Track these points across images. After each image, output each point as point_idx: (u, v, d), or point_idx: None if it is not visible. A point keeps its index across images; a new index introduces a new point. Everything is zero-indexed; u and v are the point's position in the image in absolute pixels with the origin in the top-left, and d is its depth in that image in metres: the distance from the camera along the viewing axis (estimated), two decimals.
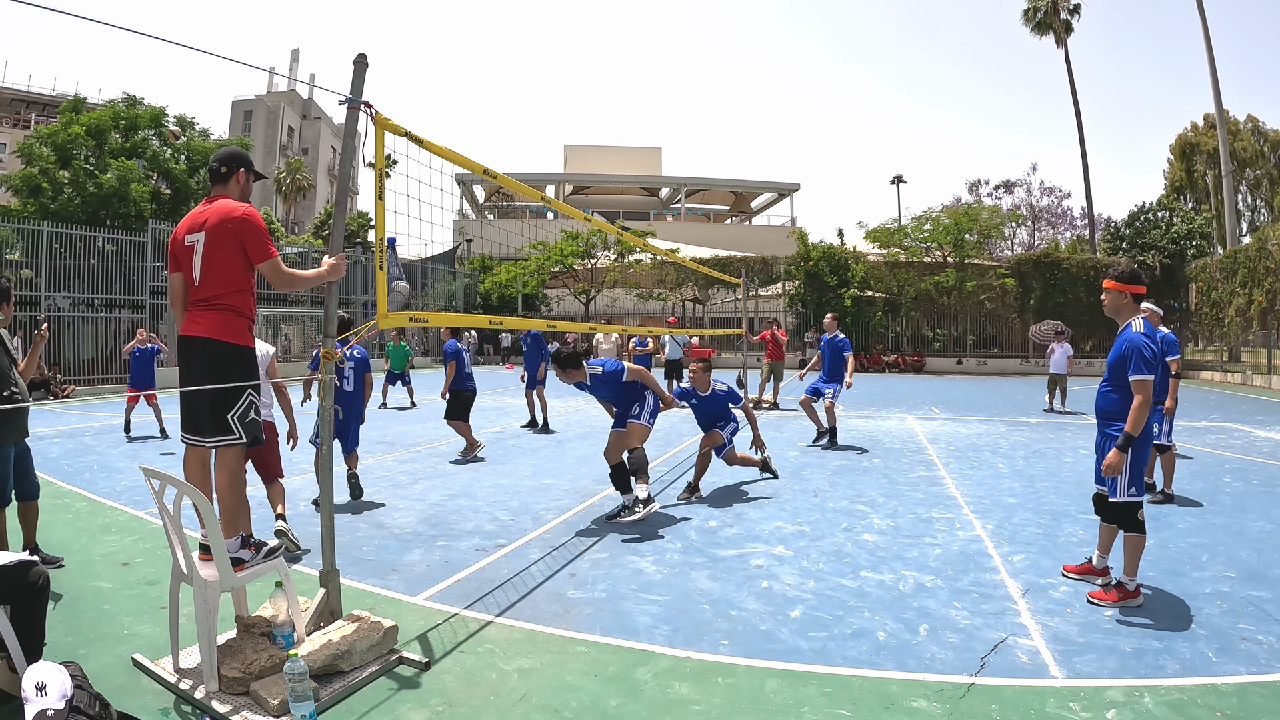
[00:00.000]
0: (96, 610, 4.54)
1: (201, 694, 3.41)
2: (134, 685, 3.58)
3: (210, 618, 3.47)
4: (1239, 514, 7.07)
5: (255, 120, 66.73)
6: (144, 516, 6.75)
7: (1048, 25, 42.79)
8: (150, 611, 4.50)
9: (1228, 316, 26.43)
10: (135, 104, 27.11)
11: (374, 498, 7.61)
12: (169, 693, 3.51)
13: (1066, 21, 42.31)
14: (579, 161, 61.84)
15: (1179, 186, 57.63)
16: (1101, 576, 5.05)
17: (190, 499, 3.46)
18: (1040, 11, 42.78)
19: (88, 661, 3.58)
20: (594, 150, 62.85)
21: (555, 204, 6.96)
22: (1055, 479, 8.64)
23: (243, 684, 3.43)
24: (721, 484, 8.35)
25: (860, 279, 34.14)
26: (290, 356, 29.66)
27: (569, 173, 60.98)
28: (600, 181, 60.77)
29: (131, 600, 4.71)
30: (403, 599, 4.82)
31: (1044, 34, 43.18)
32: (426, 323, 5.23)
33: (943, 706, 3.45)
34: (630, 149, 64.02)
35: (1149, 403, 4.56)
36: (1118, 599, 4.71)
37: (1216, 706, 3.43)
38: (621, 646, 4.10)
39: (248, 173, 4.22)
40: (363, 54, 4.14)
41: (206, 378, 3.84)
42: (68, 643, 4.02)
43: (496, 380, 25.34)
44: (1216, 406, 16.70)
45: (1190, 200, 53.98)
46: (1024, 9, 43.54)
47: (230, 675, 3.44)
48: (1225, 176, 35.79)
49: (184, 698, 3.45)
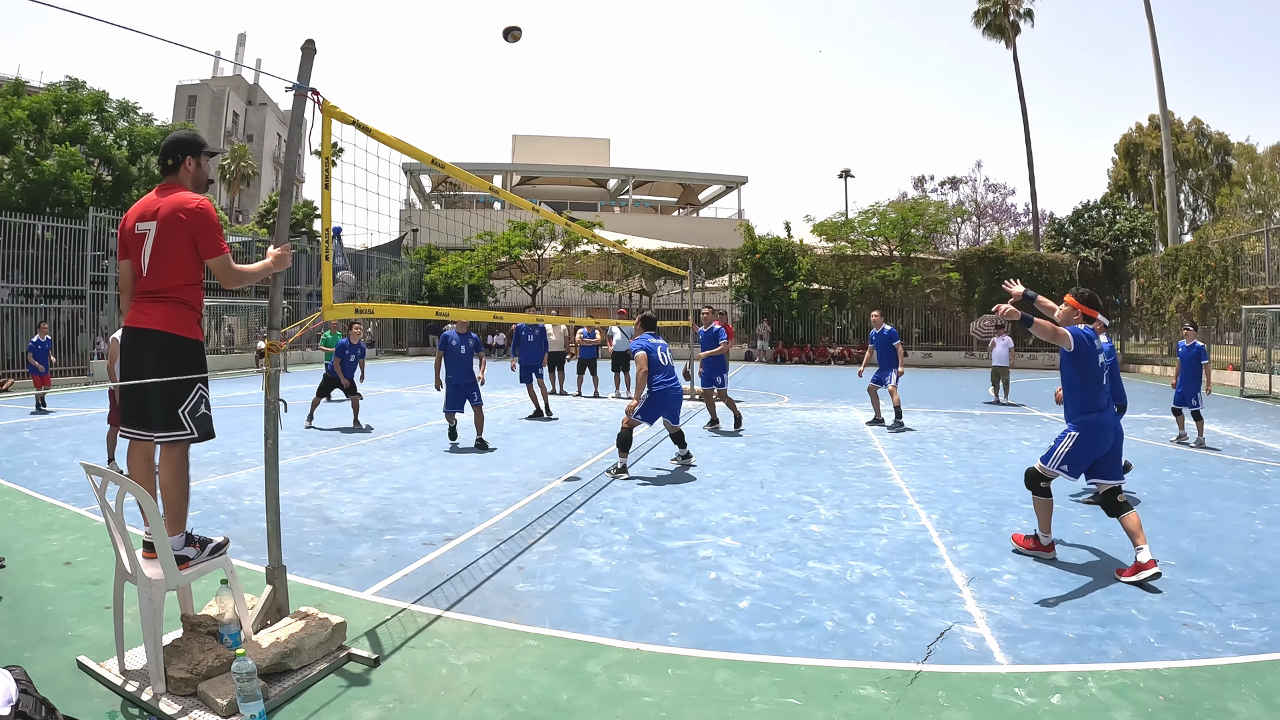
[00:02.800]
0: (40, 612, 4.41)
1: (149, 695, 3.34)
2: (80, 688, 3.48)
3: (156, 617, 3.39)
4: (1179, 504, 7.28)
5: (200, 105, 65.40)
6: (86, 514, 6.57)
7: (998, 27, 43.34)
8: (95, 612, 4.38)
9: (1168, 312, 27.14)
10: (78, 88, 26.35)
11: (320, 492, 7.51)
12: (116, 695, 3.43)
13: (1016, 23, 42.92)
14: (527, 151, 61.37)
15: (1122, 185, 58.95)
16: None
17: (133, 495, 3.38)
18: (991, 13, 43.31)
19: (32, 665, 3.47)
20: (542, 140, 62.41)
21: (503, 194, 6.92)
22: (999, 470, 8.81)
23: (190, 684, 3.36)
24: (668, 475, 8.39)
25: (807, 272, 34.37)
26: (233, 347, 29.09)
27: (517, 163, 60.49)
28: (548, 172, 60.44)
29: (75, 601, 4.59)
30: (351, 594, 4.77)
31: (995, 35, 43.73)
32: (372, 314, 5.16)
33: (891, 694, 3.50)
34: (579, 140, 63.72)
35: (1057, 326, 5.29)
36: (1030, 548, 5.58)
37: (1159, 690, 3.54)
38: (572, 639, 4.10)
39: (197, 158, 4.02)
40: (310, 40, 4.06)
41: (156, 371, 3.73)
42: (11, 646, 3.91)
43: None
44: (1156, 399, 17.16)
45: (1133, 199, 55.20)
46: (975, 10, 44.04)
47: (178, 676, 3.37)
48: (1168, 176, 36.64)
49: (131, 700, 3.37)
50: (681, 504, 7.13)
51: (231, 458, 9.07)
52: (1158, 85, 34.37)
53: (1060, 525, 6.40)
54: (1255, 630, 4.27)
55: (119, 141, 26.74)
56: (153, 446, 3.91)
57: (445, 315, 6.15)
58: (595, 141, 63.78)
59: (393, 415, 13.71)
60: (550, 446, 10.35)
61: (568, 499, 7.31)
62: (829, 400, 16.79)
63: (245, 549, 5.53)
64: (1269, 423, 13.86)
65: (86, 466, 3.52)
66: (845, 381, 22.33)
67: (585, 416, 13.64)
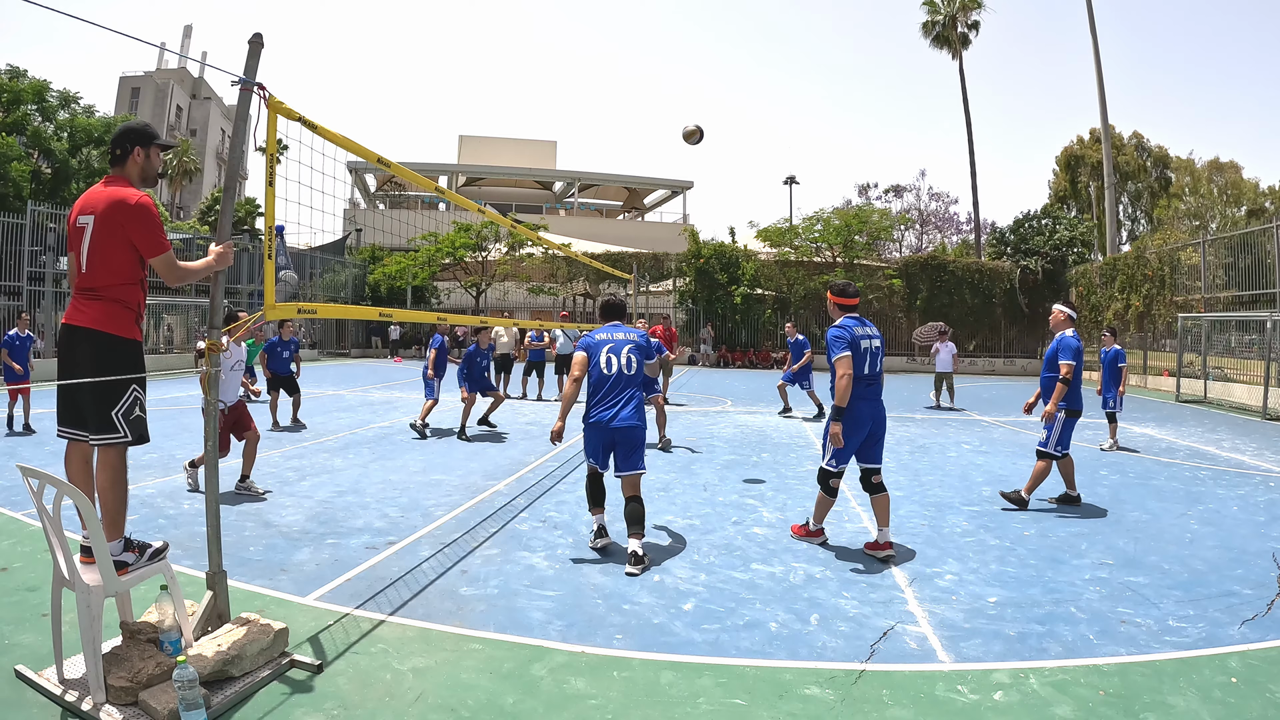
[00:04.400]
0: None
1: (89, 705, 3.25)
2: (18, 698, 3.39)
3: (95, 625, 3.31)
4: (1116, 505, 7.49)
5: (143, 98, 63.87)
6: (21, 518, 6.35)
7: (945, 39, 43.78)
8: (32, 619, 4.25)
9: (1106, 320, 27.77)
10: (19, 76, 25.54)
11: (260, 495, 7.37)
12: (55, 705, 3.34)
13: (964, 35, 43.48)
14: (473, 152, 60.73)
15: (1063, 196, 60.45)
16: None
17: (71, 499, 3.29)
18: (939, 25, 43.85)
19: None
20: (488, 142, 61.78)
21: (448, 194, 6.89)
22: (939, 473, 8.98)
23: (131, 693, 3.28)
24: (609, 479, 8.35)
25: (750, 277, 34.47)
26: (173, 347, 28.43)
27: (463, 163, 59.75)
28: (494, 173, 59.85)
29: (11, 608, 4.44)
30: (293, 600, 4.70)
31: (941, 47, 44.21)
32: (315, 314, 5.09)
33: (835, 693, 3.56)
34: (525, 141, 63.20)
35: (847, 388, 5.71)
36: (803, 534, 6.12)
37: (1099, 685, 3.64)
38: (516, 643, 4.09)
39: (146, 149, 3.87)
40: (258, 34, 3.98)
41: (90, 371, 3.63)
42: None
43: (385, 374, 24.86)
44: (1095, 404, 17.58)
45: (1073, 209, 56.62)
46: (923, 22, 44.46)
47: (117, 685, 3.29)
48: (1108, 188, 37.60)
49: (71, 710, 3.28)
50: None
51: (170, 460, 8.86)
52: (1100, 99, 35.27)
53: (999, 527, 6.56)
54: (1192, 626, 4.42)
55: (59, 133, 25.98)
56: (90, 448, 3.80)
57: (388, 316, 6.09)
58: (542, 144, 63.40)
59: (334, 417, 13.51)
60: (492, 450, 10.28)
61: (510, 502, 7.28)
62: (771, 404, 16.88)
63: (185, 554, 5.41)
64: (1203, 426, 14.32)
65: (23, 469, 3.42)
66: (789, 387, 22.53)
67: (528, 420, 13.57)
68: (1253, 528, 6.69)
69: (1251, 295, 20.44)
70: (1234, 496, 7.98)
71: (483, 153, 60.37)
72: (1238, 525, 6.78)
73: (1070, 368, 7.14)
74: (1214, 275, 22.73)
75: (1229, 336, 21.48)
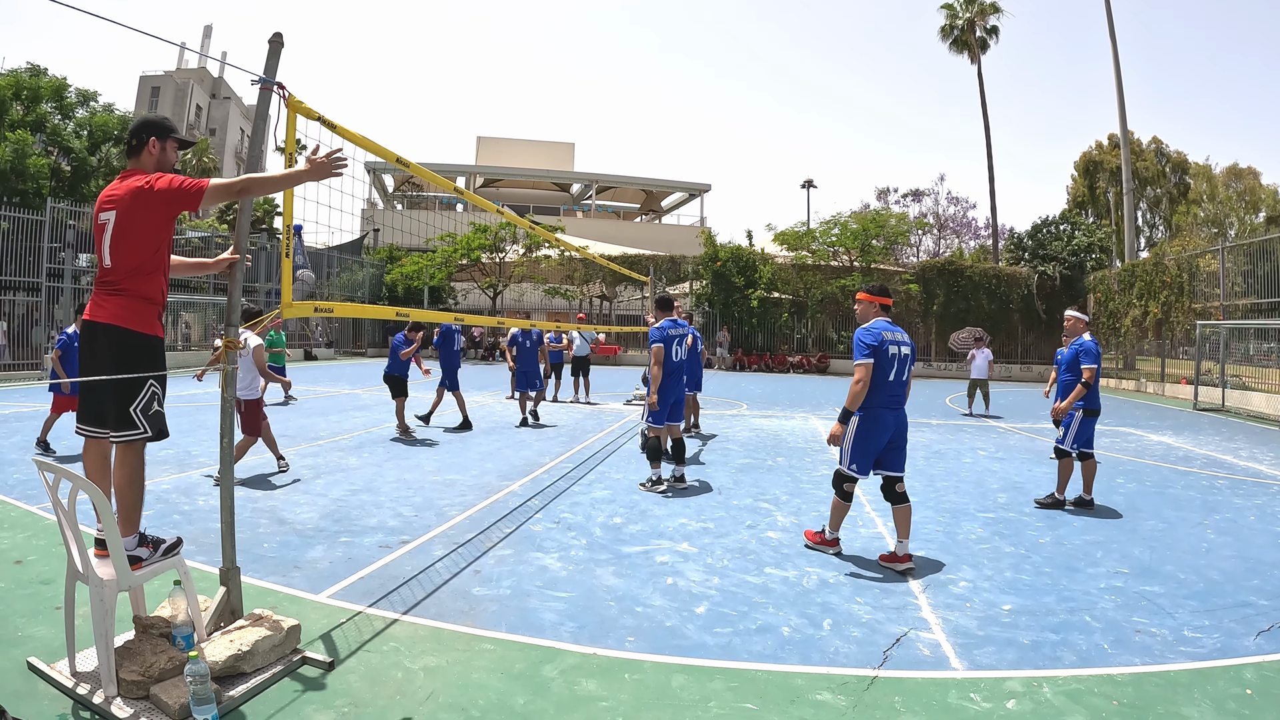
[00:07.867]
0: None
1: (100, 698, 3.27)
2: (30, 690, 3.41)
3: (107, 618, 3.32)
4: (1132, 513, 7.44)
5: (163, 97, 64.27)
6: (38, 512, 6.41)
7: (963, 43, 43.64)
8: (45, 612, 4.28)
9: (1124, 326, 27.64)
10: (39, 74, 25.72)
11: (274, 493, 7.41)
12: (67, 697, 3.35)
13: (982, 39, 43.30)
14: (491, 154, 60.90)
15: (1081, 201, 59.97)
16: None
17: (86, 494, 3.30)
18: (957, 29, 43.72)
19: None
20: (506, 143, 61.96)
21: (466, 195, 6.91)
22: (954, 478, 8.93)
23: (142, 687, 3.30)
24: (626, 480, 8.39)
25: (767, 280, 34.45)
26: (190, 344, 28.62)
27: (481, 164, 59.93)
28: (512, 175, 59.96)
29: (25, 600, 4.48)
30: (305, 597, 4.71)
31: (960, 51, 44.07)
32: (331, 313, 5.11)
33: (847, 699, 3.54)
34: (543, 143, 63.35)
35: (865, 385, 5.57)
36: (818, 542, 5.99)
37: (1113, 695, 3.61)
38: (528, 644, 4.09)
39: (162, 141, 3.83)
40: (278, 33, 4.00)
41: (110, 367, 3.61)
42: None
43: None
44: (1111, 411, 17.44)
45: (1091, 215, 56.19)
46: (941, 26, 44.35)
47: (129, 678, 3.30)
48: (1126, 194, 37.36)
49: (82, 702, 3.30)
50: (639, 509, 7.14)
51: (186, 457, 8.92)
52: (1119, 105, 35.04)
53: (1014, 534, 6.52)
54: (1207, 637, 4.37)
55: (78, 130, 26.13)
56: (109, 445, 3.80)
57: (405, 315, 6.11)
58: (560, 145, 63.53)
59: (349, 416, 13.58)
60: (507, 450, 10.30)
61: (525, 503, 7.28)
62: (787, 408, 16.88)
63: (199, 550, 5.44)
64: (1221, 435, 14.21)
65: (39, 463, 3.44)
66: (804, 390, 22.55)
67: (543, 420, 13.59)
68: (1270, 538, 6.63)
69: (1270, 303, 20.27)
70: (1251, 506, 7.91)
71: (501, 154, 60.55)
72: (1254, 535, 6.72)
73: (1092, 372, 7.38)
74: (1232, 282, 22.56)
75: (1248, 344, 21.36)
